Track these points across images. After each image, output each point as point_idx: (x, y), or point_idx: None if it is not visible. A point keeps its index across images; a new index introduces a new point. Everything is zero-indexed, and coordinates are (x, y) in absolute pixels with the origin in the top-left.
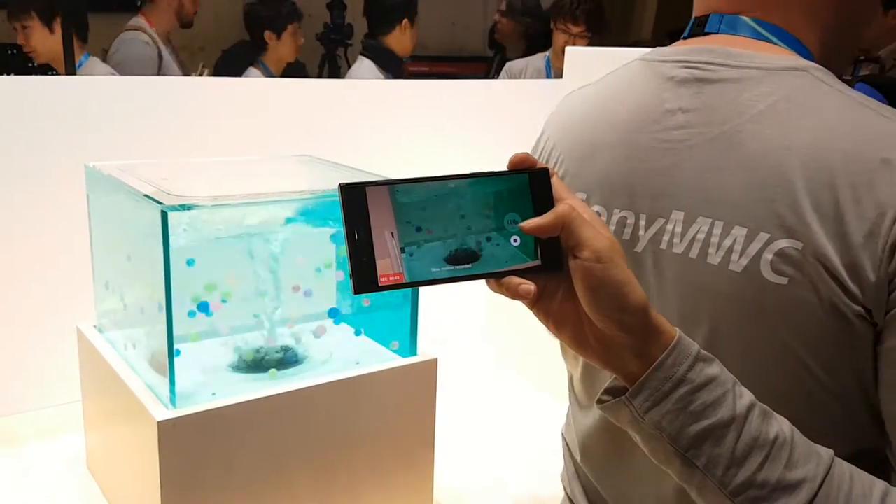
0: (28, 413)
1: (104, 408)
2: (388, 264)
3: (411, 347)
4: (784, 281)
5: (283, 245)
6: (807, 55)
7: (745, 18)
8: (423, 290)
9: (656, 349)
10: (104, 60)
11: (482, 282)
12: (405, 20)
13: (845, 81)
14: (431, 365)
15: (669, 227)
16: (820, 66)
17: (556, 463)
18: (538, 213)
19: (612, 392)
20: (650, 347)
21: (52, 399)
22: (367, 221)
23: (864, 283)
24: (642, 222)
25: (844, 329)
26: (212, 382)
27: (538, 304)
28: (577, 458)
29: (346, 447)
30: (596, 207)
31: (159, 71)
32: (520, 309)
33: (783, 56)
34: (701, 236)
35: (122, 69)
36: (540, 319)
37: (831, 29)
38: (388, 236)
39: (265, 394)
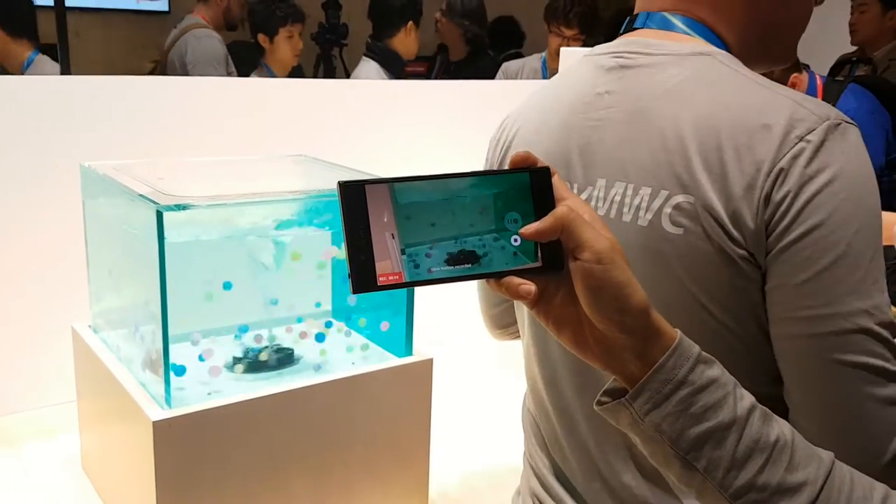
0: (23, 413)
1: (99, 408)
2: (387, 263)
3: (407, 348)
4: (680, 231)
5: (279, 245)
6: (720, 45)
7: (667, 15)
8: (422, 290)
9: (657, 351)
10: (166, 61)
11: (479, 281)
12: (410, 23)
13: (836, 83)
14: (427, 365)
15: (595, 192)
16: (725, 52)
17: None
18: (539, 213)
19: (612, 394)
20: (651, 349)
21: (48, 399)
22: (367, 220)
23: (745, 230)
24: (575, 191)
25: (735, 272)
26: (207, 382)
27: (538, 304)
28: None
29: (342, 447)
30: None
31: (227, 68)
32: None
33: (693, 44)
34: (618, 198)
35: (198, 65)
36: (540, 320)
37: (746, 25)
38: (387, 236)
39: (260, 394)
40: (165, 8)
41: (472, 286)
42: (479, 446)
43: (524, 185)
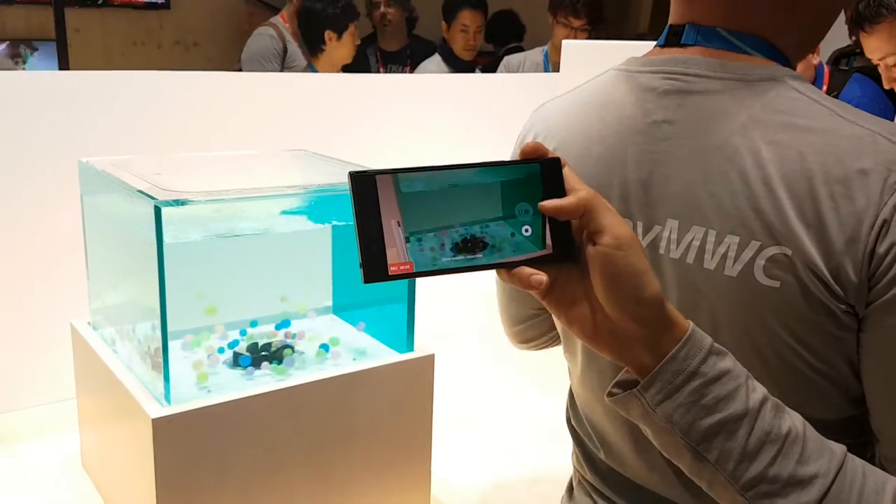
0: (22, 410)
1: (98, 405)
2: (396, 253)
3: (408, 343)
4: (776, 284)
5: (278, 240)
6: (781, 59)
7: (720, 29)
8: (423, 284)
9: (669, 342)
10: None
11: (483, 277)
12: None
13: (842, 72)
14: (428, 361)
15: (665, 233)
16: (793, 73)
17: (552, 458)
18: None
19: (623, 385)
20: (663, 340)
21: (47, 396)
22: (377, 210)
23: (847, 285)
24: (640, 229)
25: (834, 324)
26: (206, 379)
27: (549, 294)
28: (595, 450)
29: (343, 443)
30: None
31: (283, 63)
32: None
33: (759, 65)
34: (696, 243)
35: (248, 61)
36: (551, 311)
37: (806, 28)
38: (393, 224)
39: (261, 390)
40: (165, 2)
41: (474, 281)
42: (481, 443)
43: (534, 175)
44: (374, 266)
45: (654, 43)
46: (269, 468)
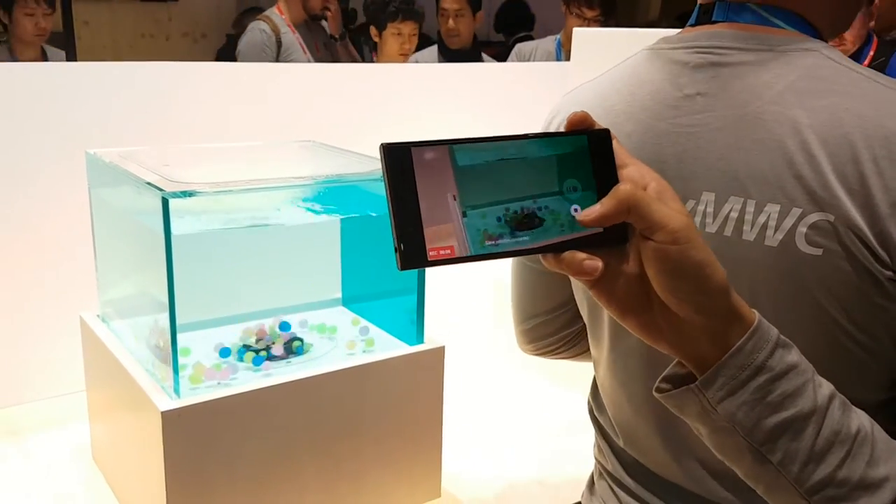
0: (32, 403)
1: (108, 398)
2: (437, 235)
3: (418, 335)
4: (819, 252)
5: (287, 231)
6: (813, 33)
7: (752, 6)
8: (431, 275)
9: (735, 334)
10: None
11: (495, 263)
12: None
13: (888, 43)
14: (439, 353)
15: (701, 207)
16: (827, 45)
17: (566, 451)
18: (599, 179)
19: (673, 380)
20: (729, 331)
21: (56, 389)
22: (414, 187)
23: (892, 249)
24: None
25: (878, 292)
26: (216, 372)
27: (600, 283)
28: (619, 441)
29: (354, 436)
30: None
31: (277, 56)
32: None
33: (792, 37)
34: (734, 214)
35: (242, 55)
36: (601, 302)
37: (836, 5)
38: (444, 202)
39: (270, 383)
40: None
41: (482, 272)
42: (493, 435)
43: (582, 148)
44: (412, 251)
45: (666, 30)
46: (279, 460)
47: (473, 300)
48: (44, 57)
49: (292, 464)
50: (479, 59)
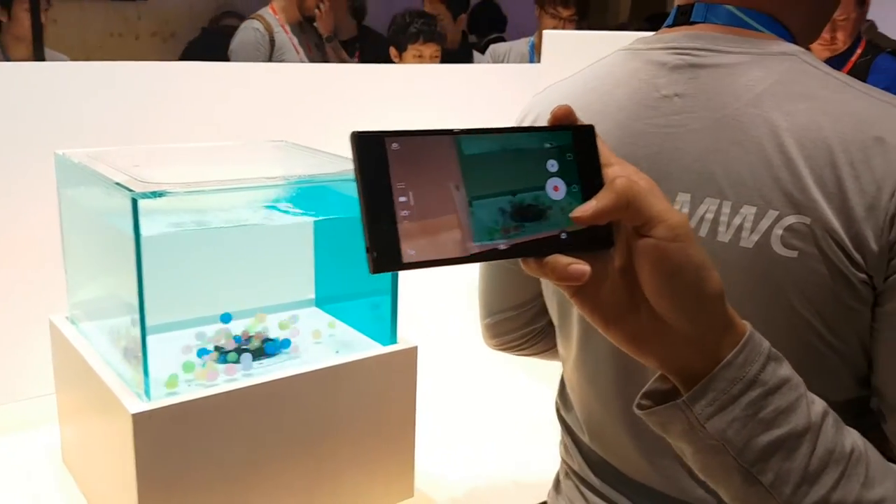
0: (2, 406)
1: (78, 400)
2: (414, 232)
3: (391, 335)
4: (794, 254)
5: (260, 232)
6: (789, 38)
7: (732, 8)
8: (405, 275)
9: (726, 345)
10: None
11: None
12: None
13: (866, 51)
14: (412, 353)
15: (676, 208)
16: (804, 51)
17: (539, 450)
18: (583, 176)
19: (654, 396)
20: (721, 343)
21: (26, 392)
22: (388, 181)
23: (867, 253)
24: None
25: (850, 294)
26: (187, 373)
27: (583, 290)
28: (585, 439)
29: (327, 436)
30: None
31: (270, 55)
32: None
33: (770, 41)
34: (710, 216)
35: (235, 53)
36: (584, 311)
37: (811, 11)
38: (417, 199)
39: (242, 384)
40: None
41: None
42: (465, 434)
43: (567, 144)
44: (385, 252)
45: (637, 32)
46: (252, 462)
47: (447, 300)
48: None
49: (265, 465)
50: (470, 60)
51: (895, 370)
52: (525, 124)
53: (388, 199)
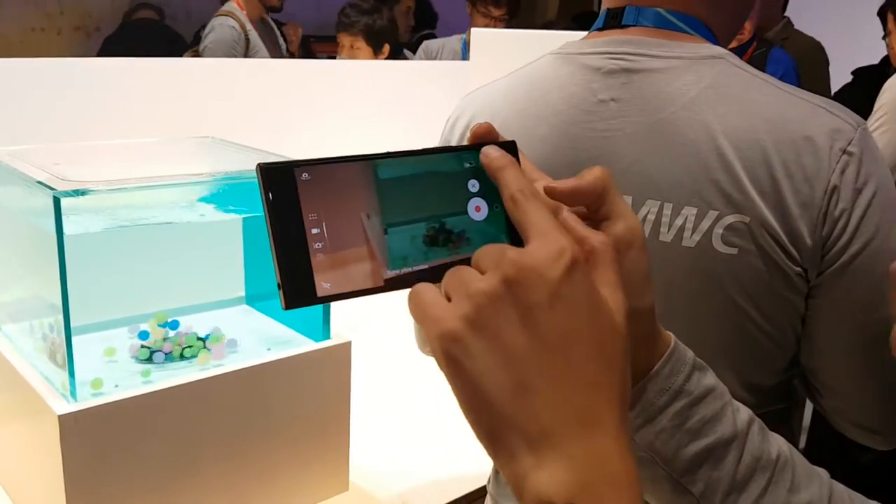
0: None
1: (3, 403)
2: (327, 264)
3: (324, 331)
4: (734, 251)
5: (188, 230)
6: (713, 40)
7: (663, 12)
8: None
9: (653, 357)
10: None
11: None
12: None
13: (760, 45)
14: (345, 348)
15: None
16: (729, 52)
17: (472, 440)
18: (507, 195)
19: None
20: (648, 354)
21: None
22: (299, 213)
23: (802, 248)
24: None
25: (786, 286)
26: (114, 374)
27: None
28: None
29: (259, 434)
30: None
31: (246, 53)
32: None
33: (699, 45)
34: (651, 217)
35: (211, 52)
36: None
37: (732, 14)
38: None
39: (171, 384)
40: None
41: None
42: (400, 427)
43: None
44: (298, 287)
45: (564, 32)
46: (183, 462)
47: (381, 295)
48: None
49: (197, 465)
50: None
51: (831, 356)
52: (459, 127)
53: (301, 232)
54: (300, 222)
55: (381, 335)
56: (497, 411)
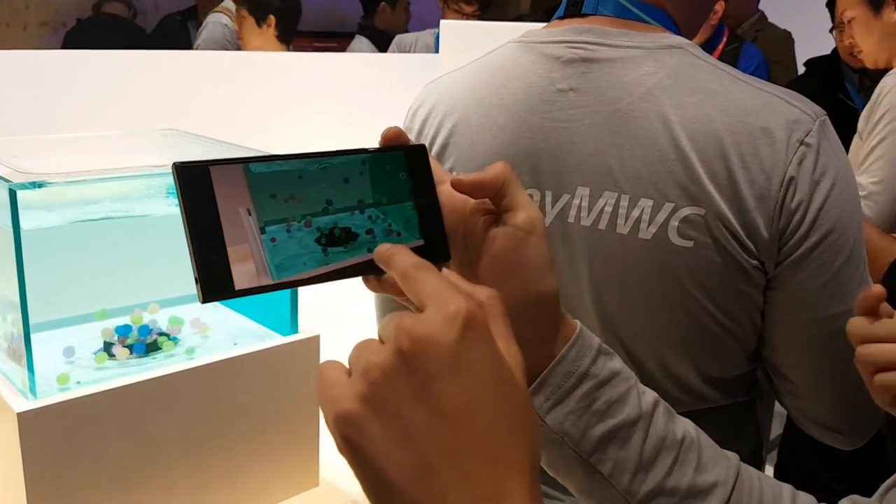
0: None
1: None
2: (243, 259)
3: (292, 325)
4: (690, 244)
5: (151, 223)
6: (675, 29)
7: (622, 0)
8: None
9: (559, 343)
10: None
11: None
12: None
13: (731, 40)
14: (314, 342)
15: (576, 201)
16: (691, 42)
17: None
18: (417, 195)
19: None
20: (553, 340)
21: None
22: (215, 210)
23: (758, 240)
24: (549, 198)
25: (743, 279)
26: (75, 370)
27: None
28: None
29: (226, 430)
30: None
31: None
32: None
33: (658, 34)
34: (609, 209)
35: (204, 47)
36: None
37: (696, 4)
38: (242, 226)
39: (134, 380)
40: None
41: None
42: None
43: (400, 164)
44: (215, 281)
45: (536, 24)
46: (148, 460)
47: (349, 286)
48: None
49: (161, 463)
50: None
51: (790, 350)
52: (419, 115)
53: (217, 228)
54: (216, 219)
55: (350, 329)
56: (400, 496)
